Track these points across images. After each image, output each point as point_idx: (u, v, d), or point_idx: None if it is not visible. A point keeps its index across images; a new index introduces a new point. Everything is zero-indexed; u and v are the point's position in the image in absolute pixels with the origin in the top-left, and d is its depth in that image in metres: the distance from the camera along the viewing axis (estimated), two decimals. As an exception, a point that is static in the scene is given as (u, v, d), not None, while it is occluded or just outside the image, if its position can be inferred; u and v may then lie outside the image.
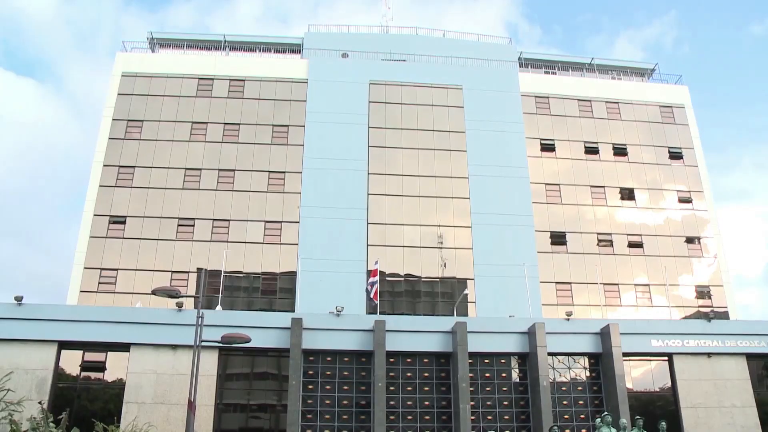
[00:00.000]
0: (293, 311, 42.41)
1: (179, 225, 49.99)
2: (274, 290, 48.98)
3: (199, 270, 46.67)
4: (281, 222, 50.53)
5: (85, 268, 47.94)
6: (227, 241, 49.25)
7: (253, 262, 49.08)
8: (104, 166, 51.46)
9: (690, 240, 54.49)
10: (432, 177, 53.14)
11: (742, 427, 38.54)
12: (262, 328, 36.69)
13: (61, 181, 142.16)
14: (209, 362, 35.52)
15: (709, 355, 40.30)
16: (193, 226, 49.99)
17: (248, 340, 25.42)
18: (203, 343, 23.42)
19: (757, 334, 41.03)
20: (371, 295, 43.70)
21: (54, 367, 35.65)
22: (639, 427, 27.27)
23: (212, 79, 55.64)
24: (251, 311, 45.22)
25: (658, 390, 40.77)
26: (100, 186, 50.72)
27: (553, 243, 52.58)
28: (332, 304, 39.22)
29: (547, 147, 56.23)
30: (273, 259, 49.35)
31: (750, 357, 40.71)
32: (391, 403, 37.52)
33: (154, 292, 23.58)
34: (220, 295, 44.30)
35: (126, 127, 53.09)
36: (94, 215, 49.73)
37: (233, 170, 52.16)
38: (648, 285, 52.27)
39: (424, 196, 52.44)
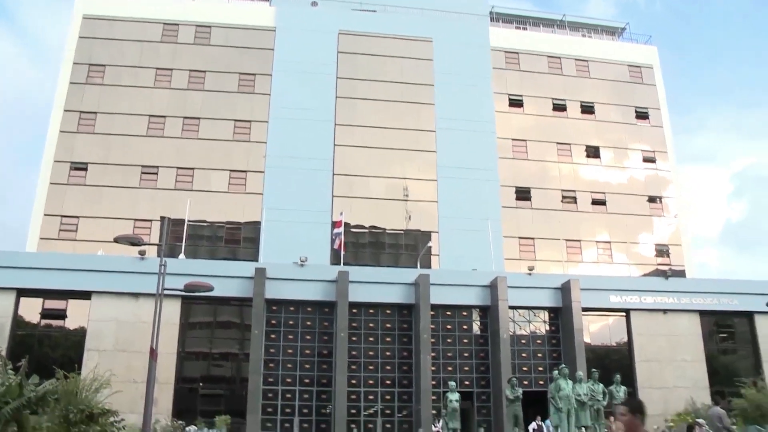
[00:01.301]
0: (257, 261, 42.31)
1: (142, 173, 49.16)
2: (237, 240, 48.78)
3: (162, 218, 46.13)
4: (246, 171, 49.98)
5: (45, 215, 47.04)
6: (191, 190, 48.64)
7: (217, 211, 48.61)
8: (65, 111, 50.08)
9: (652, 199, 55.23)
10: (399, 129, 52.78)
11: (692, 380, 39.95)
12: (226, 278, 36.69)
13: (17, 125, 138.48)
14: (172, 311, 35.39)
15: (665, 311, 41.44)
16: (156, 174, 49.23)
17: (211, 289, 25.36)
18: (166, 292, 23.28)
19: (711, 292, 42.36)
20: (335, 246, 43.79)
21: (12, 314, 35.44)
22: (594, 379, 28.01)
23: (177, 24, 54.17)
24: (214, 260, 44.99)
25: (614, 344, 41.90)
26: (61, 131, 49.45)
27: (517, 198, 52.85)
28: (296, 255, 39.23)
29: (515, 102, 56.16)
30: (237, 209, 48.97)
31: (703, 314, 42.03)
32: (353, 353, 38.04)
33: (116, 240, 23.18)
34: (183, 244, 43.93)
35: (87, 72, 51.62)
36: (55, 161, 48.58)
37: (198, 118, 51.21)
38: (609, 242, 53.06)
39: (391, 148, 52.13)
